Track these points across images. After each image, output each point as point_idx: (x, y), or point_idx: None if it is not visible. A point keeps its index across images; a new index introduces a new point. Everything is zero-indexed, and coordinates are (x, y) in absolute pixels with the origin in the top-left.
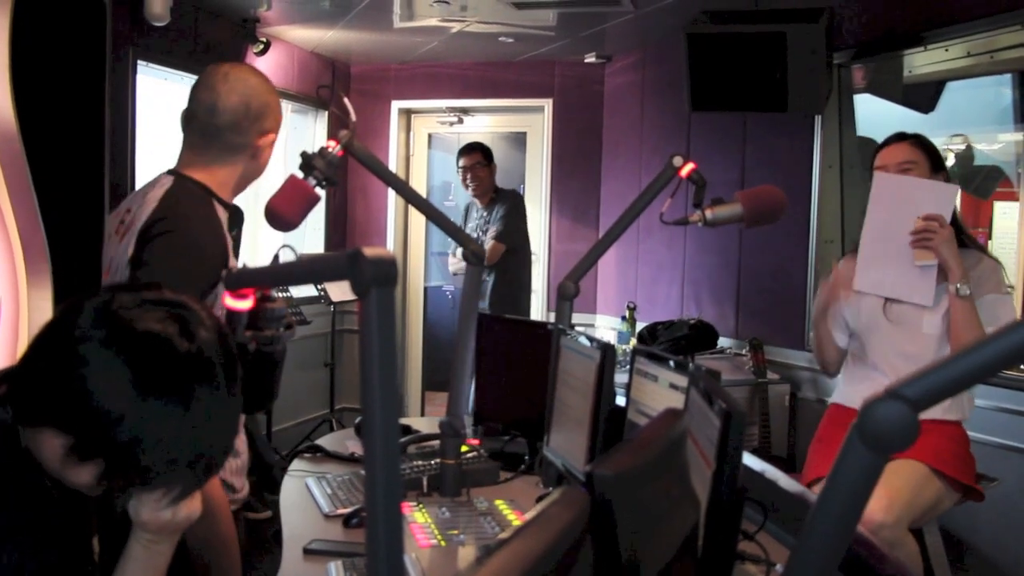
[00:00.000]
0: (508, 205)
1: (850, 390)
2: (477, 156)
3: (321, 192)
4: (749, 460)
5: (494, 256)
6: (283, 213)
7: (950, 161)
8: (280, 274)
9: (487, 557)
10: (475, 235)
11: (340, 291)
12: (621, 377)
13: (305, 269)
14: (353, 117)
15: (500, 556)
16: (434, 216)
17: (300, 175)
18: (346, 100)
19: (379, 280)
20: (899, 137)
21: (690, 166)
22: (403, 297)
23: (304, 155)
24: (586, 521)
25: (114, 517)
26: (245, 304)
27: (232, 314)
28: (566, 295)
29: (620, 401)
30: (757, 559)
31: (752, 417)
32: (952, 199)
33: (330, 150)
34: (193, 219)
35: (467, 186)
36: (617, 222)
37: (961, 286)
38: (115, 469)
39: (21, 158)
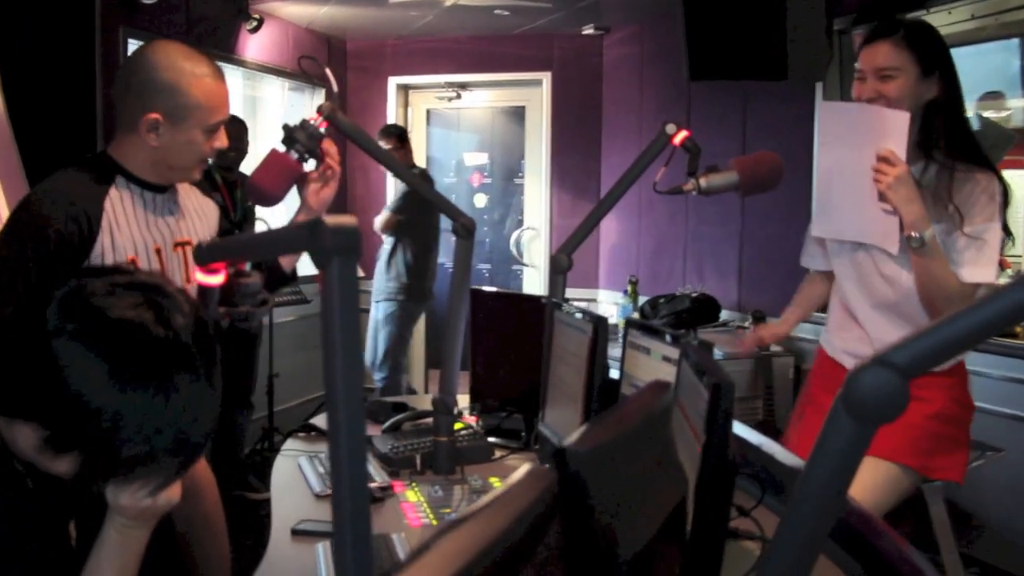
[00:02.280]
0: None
1: (833, 337)
2: (393, 141)
3: (308, 166)
4: (746, 434)
5: (387, 226)
6: (264, 187)
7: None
8: (242, 247)
9: (439, 536)
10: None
11: None
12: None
13: (267, 241)
14: (335, 87)
15: (454, 536)
16: (418, 187)
17: (282, 149)
18: (327, 70)
19: (340, 249)
20: (879, 33)
21: (683, 134)
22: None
23: (286, 128)
24: (550, 500)
25: (90, 500)
26: (216, 279)
27: (203, 290)
28: (559, 268)
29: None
30: (751, 536)
31: (756, 391)
32: (903, 126)
33: (312, 122)
34: (42, 201)
35: None
36: (609, 193)
37: (915, 235)
38: (93, 460)
39: (9, 138)
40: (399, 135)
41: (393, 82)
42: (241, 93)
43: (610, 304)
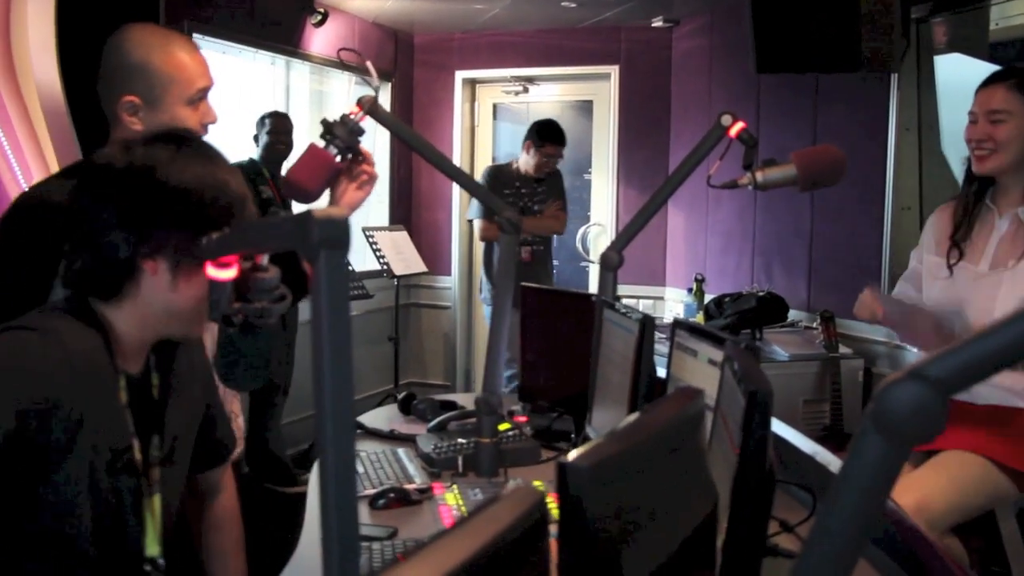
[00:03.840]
0: (561, 181)
1: None
2: (563, 149)
3: (341, 160)
4: (799, 441)
5: (563, 227)
6: (301, 183)
7: None
8: (236, 240)
9: (402, 563)
10: (520, 201)
11: (403, 265)
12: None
13: (257, 233)
14: (376, 80)
15: (417, 560)
16: (465, 182)
17: (321, 144)
18: (368, 63)
19: (328, 243)
20: (997, 77)
21: (739, 125)
22: (469, 271)
23: (324, 123)
24: (533, 522)
25: None
26: (227, 274)
27: (214, 285)
28: (609, 265)
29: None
30: (792, 555)
31: (823, 393)
32: None
33: (352, 117)
34: (36, 192)
35: (540, 167)
36: (661, 188)
37: None
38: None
39: (70, 133)
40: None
41: (460, 76)
42: (307, 87)
43: (676, 302)
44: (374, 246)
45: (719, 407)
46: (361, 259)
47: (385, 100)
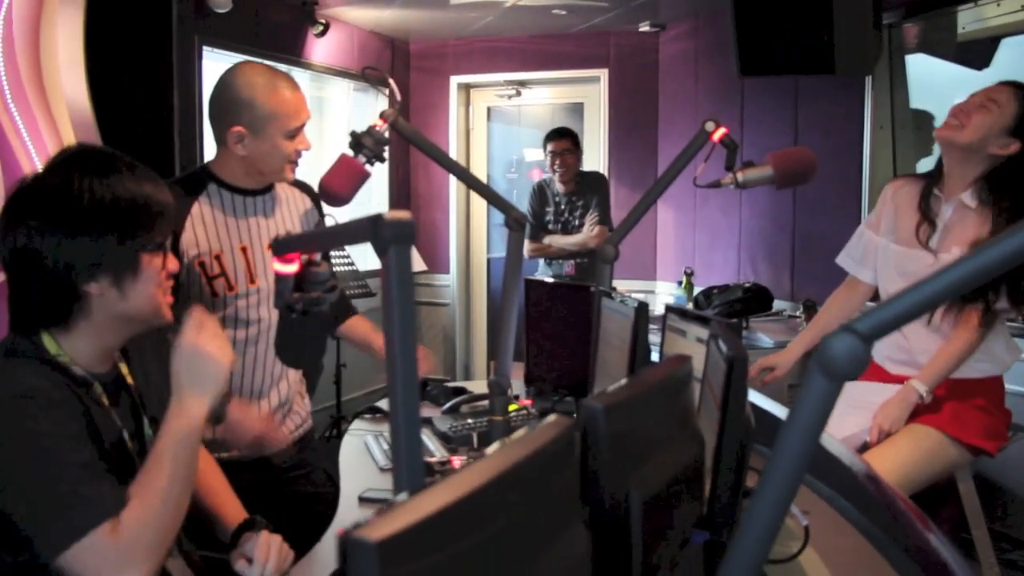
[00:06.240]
0: (604, 190)
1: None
2: (567, 143)
3: (371, 168)
4: (777, 410)
5: (602, 239)
6: (335, 190)
7: None
8: (314, 239)
9: (465, 465)
10: (561, 218)
11: None
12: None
13: (336, 233)
14: (398, 96)
15: (480, 464)
16: (477, 186)
17: (351, 153)
18: (391, 80)
19: (397, 239)
20: (1012, 82)
21: (722, 131)
22: (467, 269)
23: (353, 134)
24: (568, 441)
25: None
26: (291, 268)
27: (279, 277)
28: (606, 259)
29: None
30: None
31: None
32: None
33: (378, 129)
34: None
35: (554, 170)
36: (652, 188)
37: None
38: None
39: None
40: (574, 137)
41: (455, 81)
42: (308, 95)
43: (667, 295)
44: None
45: (706, 378)
46: (363, 259)
47: (383, 105)
